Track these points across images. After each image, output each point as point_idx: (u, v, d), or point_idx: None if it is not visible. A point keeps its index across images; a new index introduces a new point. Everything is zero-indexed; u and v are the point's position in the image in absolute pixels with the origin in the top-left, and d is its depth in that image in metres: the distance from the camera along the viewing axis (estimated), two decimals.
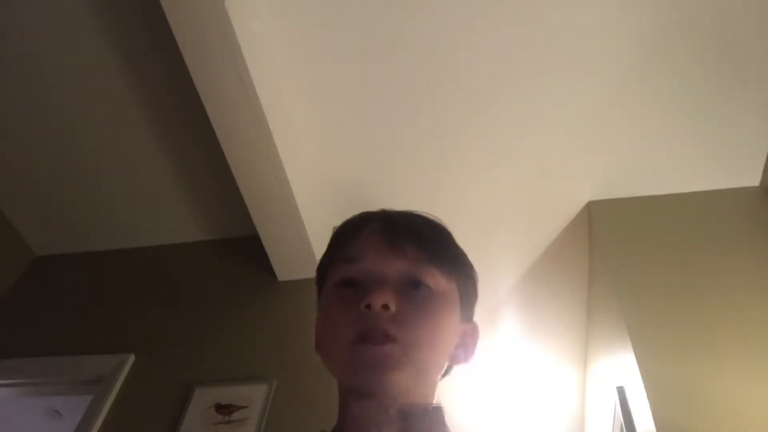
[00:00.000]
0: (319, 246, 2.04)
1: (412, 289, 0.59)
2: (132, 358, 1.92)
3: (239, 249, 2.25)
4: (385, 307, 0.56)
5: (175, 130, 2.06)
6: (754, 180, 1.98)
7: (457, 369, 0.65)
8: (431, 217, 0.68)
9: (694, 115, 1.84)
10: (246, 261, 2.18)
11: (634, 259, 1.86)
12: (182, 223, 2.31)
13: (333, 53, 1.78)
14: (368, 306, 0.56)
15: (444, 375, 0.63)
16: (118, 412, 1.79)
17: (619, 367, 1.82)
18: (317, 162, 2.04)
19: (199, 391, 1.75)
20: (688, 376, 1.52)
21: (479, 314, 0.69)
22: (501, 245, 2.25)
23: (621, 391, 1.75)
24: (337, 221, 2.58)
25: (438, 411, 0.59)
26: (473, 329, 0.66)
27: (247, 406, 1.69)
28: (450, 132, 1.94)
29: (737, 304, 1.66)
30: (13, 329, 2.16)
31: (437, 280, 0.61)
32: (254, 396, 1.71)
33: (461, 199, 2.13)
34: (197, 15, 1.46)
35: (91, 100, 1.99)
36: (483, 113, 1.88)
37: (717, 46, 1.69)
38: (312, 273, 2.31)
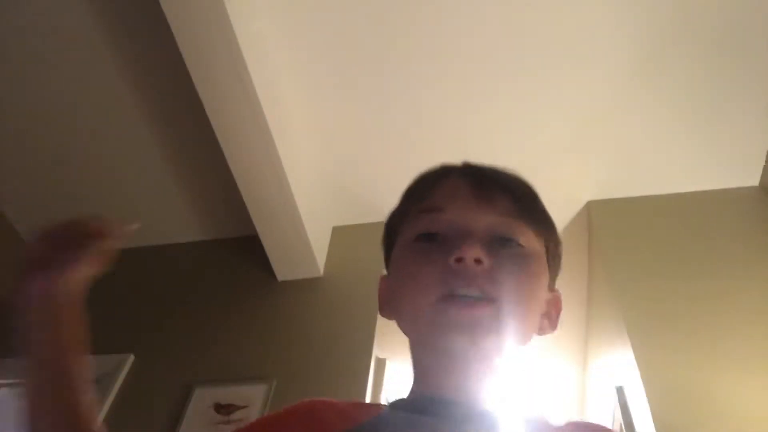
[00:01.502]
0: (319, 246, 2.04)
1: (501, 246, 0.53)
2: (132, 358, 1.92)
3: (239, 249, 2.25)
4: (478, 261, 0.49)
5: (175, 130, 2.06)
6: (753, 180, 1.98)
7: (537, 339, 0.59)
8: (519, 174, 0.61)
9: (694, 115, 1.84)
10: (246, 261, 2.18)
11: (634, 259, 1.85)
12: (182, 223, 2.31)
13: (333, 53, 1.78)
14: (459, 259, 0.49)
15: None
16: (117, 412, 1.78)
17: (619, 366, 1.82)
18: (317, 162, 2.04)
19: (198, 391, 1.75)
20: (688, 376, 1.52)
21: None
22: None
23: (620, 391, 1.75)
24: (337, 221, 2.59)
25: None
26: (557, 298, 0.61)
27: (246, 406, 1.69)
28: (450, 132, 1.94)
29: (737, 304, 1.66)
30: (13, 329, 2.16)
31: (528, 238, 0.55)
32: (254, 396, 1.71)
33: None
34: (197, 15, 1.46)
35: (90, 101, 1.99)
36: (483, 113, 1.88)
37: (717, 47, 1.69)
38: (311, 273, 2.31)
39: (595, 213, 2.06)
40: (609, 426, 0.58)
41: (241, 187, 1.81)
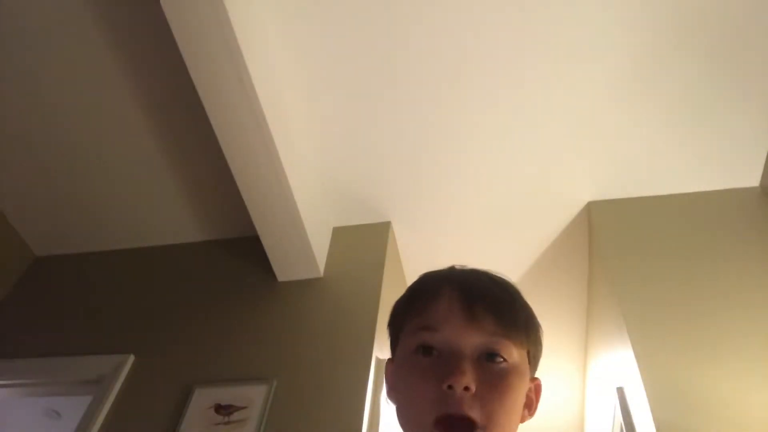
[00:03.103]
0: (319, 246, 2.04)
1: (487, 360, 0.62)
2: (132, 358, 1.92)
3: (239, 249, 2.25)
4: (467, 389, 0.59)
5: (175, 131, 2.06)
6: (753, 180, 1.98)
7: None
8: (502, 280, 0.70)
9: (694, 115, 1.84)
10: (246, 261, 2.18)
11: (634, 260, 1.86)
12: (182, 223, 2.31)
13: (333, 53, 1.78)
14: (450, 387, 0.59)
15: None
16: (118, 412, 1.79)
17: (619, 367, 1.82)
18: (317, 162, 2.04)
19: (198, 392, 1.75)
20: (688, 377, 1.52)
21: None
22: (501, 245, 2.25)
23: (620, 392, 1.75)
24: (337, 221, 2.60)
25: None
26: (537, 386, 0.69)
27: (246, 407, 1.69)
28: (450, 132, 1.94)
29: (737, 305, 1.66)
30: (13, 329, 2.16)
31: (511, 353, 0.63)
32: (254, 396, 1.71)
33: (461, 200, 2.13)
34: (196, 15, 1.47)
35: (90, 100, 1.99)
36: (483, 114, 1.88)
37: (717, 47, 1.69)
38: (311, 273, 2.32)
39: (596, 213, 2.06)
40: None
41: (241, 187, 1.81)
